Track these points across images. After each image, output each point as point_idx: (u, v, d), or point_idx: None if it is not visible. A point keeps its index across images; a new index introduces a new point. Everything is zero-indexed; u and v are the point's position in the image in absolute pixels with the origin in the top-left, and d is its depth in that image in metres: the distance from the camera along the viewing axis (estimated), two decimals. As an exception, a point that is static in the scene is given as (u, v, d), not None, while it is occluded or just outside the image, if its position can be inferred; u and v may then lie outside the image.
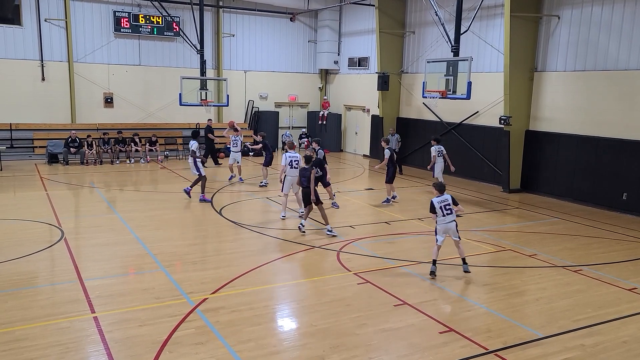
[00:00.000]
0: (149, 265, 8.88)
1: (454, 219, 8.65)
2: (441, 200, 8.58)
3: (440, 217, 8.55)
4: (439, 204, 8.55)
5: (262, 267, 8.97)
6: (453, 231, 8.67)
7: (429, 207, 8.70)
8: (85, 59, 20.73)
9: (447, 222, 8.59)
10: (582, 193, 14.76)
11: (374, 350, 6.24)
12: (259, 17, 23.98)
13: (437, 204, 8.55)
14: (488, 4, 16.68)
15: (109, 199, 13.99)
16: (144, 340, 6.25)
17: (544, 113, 15.78)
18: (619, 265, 9.57)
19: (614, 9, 13.77)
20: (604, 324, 7.09)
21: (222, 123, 23.45)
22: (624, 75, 13.61)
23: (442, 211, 8.53)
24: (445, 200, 8.58)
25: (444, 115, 19.13)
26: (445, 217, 8.55)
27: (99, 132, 20.23)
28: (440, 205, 8.54)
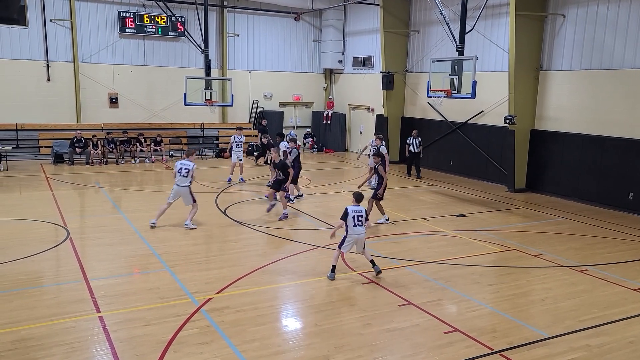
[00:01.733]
0: (154, 265, 8.90)
1: (365, 231, 8.37)
2: (355, 210, 8.29)
3: (352, 227, 8.24)
4: (352, 213, 8.24)
5: (266, 267, 8.97)
6: (361, 243, 8.39)
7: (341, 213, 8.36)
8: (90, 59, 20.81)
9: (358, 234, 8.29)
10: (588, 193, 14.69)
11: (378, 350, 6.23)
12: (264, 16, 24.00)
13: (351, 213, 8.24)
14: (493, 3, 16.63)
15: (114, 199, 14.04)
16: (149, 339, 6.27)
17: (549, 112, 15.70)
18: (625, 265, 9.51)
19: (620, 7, 13.69)
20: (610, 324, 7.05)
21: (227, 123, 23.53)
22: (630, 74, 13.53)
23: (354, 221, 8.23)
24: (359, 212, 8.29)
25: (449, 115, 19.08)
26: (356, 227, 8.25)
27: (104, 132, 20.28)
28: (354, 215, 8.24)
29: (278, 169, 12.27)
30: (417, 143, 17.87)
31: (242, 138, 17.06)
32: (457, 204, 14.36)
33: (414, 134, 18.05)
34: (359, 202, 8.47)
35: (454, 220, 12.56)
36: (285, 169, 12.21)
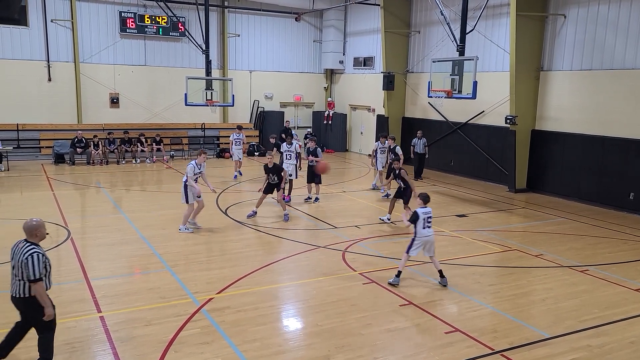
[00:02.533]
0: (155, 265, 8.91)
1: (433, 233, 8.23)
2: (425, 212, 8.12)
3: (421, 229, 8.08)
4: (422, 216, 8.07)
5: (267, 267, 8.98)
6: (430, 246, 8.19)
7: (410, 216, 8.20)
8: (91, 60, 20.82)
9: (427, 236, 8.12)
10: (589, 193, 14.68)
11: (379, 350, 6.23)
12: (264, 17, 24.01)
13: (421, 215, 8.07)
14: (494, 3, 16.62)
15: (115, 199, 14.05)
16: (150, 339, 6.27)
17: (550, 112, 15.70)
18: (625, 266, 9.51)
19: (621, 7, 13.69)
20: (610, 325, 7.05)
21: (228, 123, 23.54)
22: (630, 74, 13.52)
23: (424, 223, 8.07)
24: (428, 213, 8.13)
25: (450, 115, 19.08)
26: (425, 230, 8.09)
27: (104, 132, 20.30)
28: (424, 217, 8.08)
29: (272, 173, 11.98)
30: (422, 144, 17.57)
31: (241, 136, 17.17)
32: (458, 204, 14.36)
33: (418, 134, 17.68)
34: (426, 204, 8.16)
35: (454, 220, 12.56)
36: (280, 172, 12.05)
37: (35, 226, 5.27)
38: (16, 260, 5.17)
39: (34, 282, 5.09)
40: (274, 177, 12.04)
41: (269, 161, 12.03)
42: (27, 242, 5.24)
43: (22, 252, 5.13)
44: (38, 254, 5.13)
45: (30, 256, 5.07)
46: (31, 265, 5.05)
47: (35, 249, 5.16)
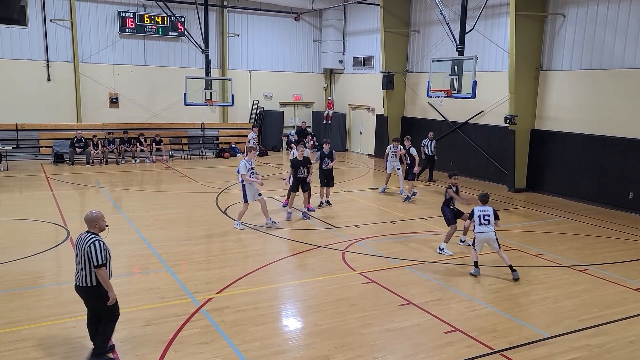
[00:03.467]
0: (154, 265, 8.90)
1: (492, 230, 8.77)
2: (482, 210, 8.77)
3: (477, 225, 8.75)
4: (478, 213, 8.75)
5: (267, 267, 8.97)
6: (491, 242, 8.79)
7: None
8: (90, 59, 20.81)
9: (481, 232, 8.72)
10: (588, 192, 14.68)
11: (379, 350, 6.23)
12: (264, 16, 24.00)
13: (477, 212, 8.77)
14: (493, 2, 16.62)
15: (114, 198, 14.04)
16: (150, 339, 6.27)
17: (549, 112, 15.70)
18: (625, 265, 9.51)
19: (620, 7, 13.69)
20: (610, 324, 7.05)
21: (227, 123, 23.53)
22: (630, 73, 13.53)
23: (480, 220, 8.70)
24: (485, 211, 8.75)
25: (449, 115, 19.08)
26: (480, 226, 8.71)
27: (104, 132, 20.30)
28: (479, 215, 8.73)
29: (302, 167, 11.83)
30: (432, 146, 17.19)
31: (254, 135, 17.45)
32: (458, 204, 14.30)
33: (430, 135, 17.29)
34: (484, 203, 8.85)
35: (454, 220, 12.53)
36: (309, 164, 12.07)
37: (95, 217, 5.63)
38: (79, 249, 5.53)
39: (98, 268, 5.45)
40: (303, 170, 11.96)
41: (299, 154, 11.92)
42: (88, 232, 5.62)
43: (84, 242, 5.51)
44: (99, 242, 5.53)
45: (92, 244, 5.45)
46: (94, 252, 5.43)
47: (97, 237, 5.56)
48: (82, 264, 5.50)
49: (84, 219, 5.70)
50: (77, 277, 5.59)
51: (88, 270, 5.48)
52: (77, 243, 5.62)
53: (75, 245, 5.64)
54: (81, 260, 5.50)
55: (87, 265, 5.47)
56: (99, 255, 5.43)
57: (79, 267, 5.55)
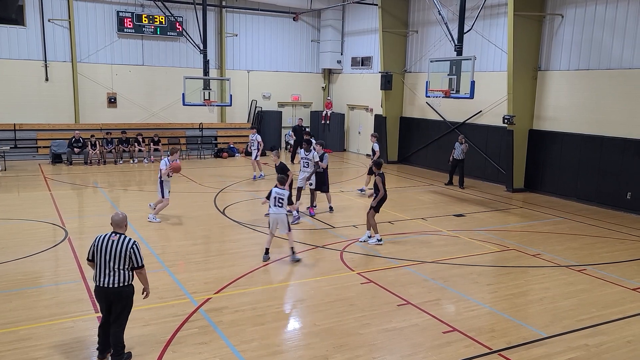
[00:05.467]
0: (153, 265, 8.89)
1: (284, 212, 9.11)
2: (278, 191, 9.13)
3: (272, 206, 9.11)
4: (274, 194, 9.12)
5: (265, 267, 8.97)
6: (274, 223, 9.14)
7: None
8: (88, 59, 20.78)
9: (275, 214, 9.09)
10: (586, 192, 14.71)
11: (377, 350, 6.23)
12: (262, 16, 23.99)
13: (274, 193, 9.14)
14: (491, 3, 16.64)
15: (112, 198, 14.03)
16: (148, 340, 6.27)
17: (547, 112, 15.73)
18: (623, 265, 9.54)
19: (618, 7, 13.72)
20: (608, 324, 7.07)
21: (226, 123, 23.52)
22: (628, 74, 13.56)
23: (275, 202, 9.08)
24: (281, 194, 9.09)
25: (447, 115, 19.10)
26: (275, 207, 9.09)
27: (102, 132, 20.28)
28: (275, 196, 9.09)
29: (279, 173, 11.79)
30: (461, 149, 16.36)
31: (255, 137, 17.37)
32: (456, 203, 14.38)
33: (460, 139, 16.57)
34: (282, 185, 9.26)
35: (452, 220, 12.58)
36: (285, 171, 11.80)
37: (124, 219, 5.71)
38: (115, 251, 5.51)
39: (142, 268, 5.67)
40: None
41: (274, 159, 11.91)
42: (118, 234, 5.61)
43: (123, 244, 5.53)
44: (137, 243, 5.67)
45: (134, 245, 5.58)
46: (138, 253, 5.59)
47: (133, 239, 5.66)
48: (121, 265, 5.50)
49: (113, 222, 5.65)
50: (110, 279, 5.50)
51: (127, 271, 5.57)
52: (108, 245, 5.51)
53: (106, 247, 5.51)
54: (120, 261, 5.49)
55: (126, 265, 5.54)
56: (141, 256, 5.63)
57: (115, 268, 5.49)
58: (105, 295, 5.57)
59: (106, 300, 5.59)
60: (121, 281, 5.54)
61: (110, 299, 5.58)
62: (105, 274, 5.52)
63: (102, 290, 5.55)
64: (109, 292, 5.55)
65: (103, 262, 5.51)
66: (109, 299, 5.58)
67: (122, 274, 5.53)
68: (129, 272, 5.60)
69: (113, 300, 5.58)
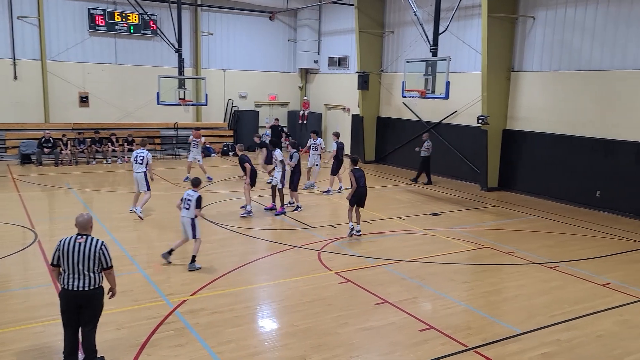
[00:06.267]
0: (127, 267, 8.73)
1: (191, 216, 8.74)
2: (189, 194, 8.82)
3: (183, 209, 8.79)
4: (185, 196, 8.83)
5: (242, 268, 8.90)
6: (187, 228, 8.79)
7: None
8: (59, 57, 20.31)
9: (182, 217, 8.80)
10: (558, 191, 15.02)
11: (355, 349, 6.24)
12: (238, 15, 23.82)
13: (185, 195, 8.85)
14: (466, 4, 16.84)
15: (85, 200, 13.73)
16: (122, 343, 6.15)
17: (520, 112, 16.00)
18: (593, 261, 9.76)
19: (587, 10, 14.04)
20: (579, 319, 7.22)
21: (202, 122, 23.27)
22: (597, 75, 13.89)
23: (184, 204, 8.76)
24: (191, 196, 8.77)
25: (424, 115, 19.27)
26: (184, 210, 8.76)
27: (74, 132, 19.84)
28: (185, 197, 8.80)
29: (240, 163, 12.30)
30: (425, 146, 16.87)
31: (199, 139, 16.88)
32: (432, 202, 14.52)
33: (424, 137, 17.13)
34: (195, 188, 8.91)
35: (428, 218, 12.69)
36: (241, 163, 12.22)
37: (90, 219, 5.55)
38: (84, 254, 5.35)
39: (111, 268, 5.54)
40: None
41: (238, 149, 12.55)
42: (83, 235, 5.44)
43: (91, 245, 5.39)
44: (106, 244, 5.52)
45: (103, 246, 5.46)
46: (107, 254, 5.47)
47: (101, 240, 5.51)
48: (90, 268, 5.35)
49: (77, 223, 5.44)
50: (79, 282, 5.33)
51: (97, 273, 5.42)
52: (75, 248, 5.32)
53: (73, 250, 5.31)
54: (89, 264, 5.33)
55: (96, 268, 5.40)
56: (110, 256, 5.50)
57: (84, 272, 5.32)
58: (74, 299, 5.39)
59: (75, 304, 5.41)
60: (91, 284, 5.39)
61: (80, 303, 5.40)
62: (74, 278, 5.36)
63: (72, 294, 5.38)
64: (79, 296, 5.38)
65: (71, 266, 5.33)
66: (78, 302, 5.40)
67: (92, 277, 5.38)
68: (99, 274, 5.45)
69: (83, 304, 5.41)
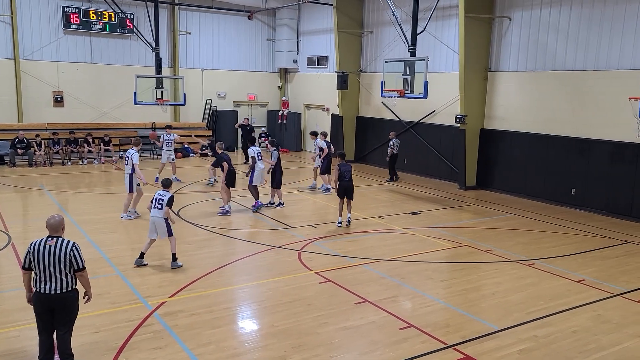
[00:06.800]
0: (104, 270, 8.60)
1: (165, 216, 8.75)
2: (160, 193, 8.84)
3: (152, 208, 8.78)
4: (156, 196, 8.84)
5: (222, 269, 8.84)
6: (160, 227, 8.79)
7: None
8: (32, 56, 19.88)
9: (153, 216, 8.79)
10: (534, 189, 15.29)
11: (335, 348, 6.25)
12: (216, 14, 23.65)
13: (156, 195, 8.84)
14: (443, 4, 17.02)
15: (60, 201, 13.47)
16: (99, 347, 6.06)
17: (497, 112, 16.24)
18: (568, 258, 9.96)
19: (561, 11, 14.32)
20: (555, 315, 7.36)
21: (180, 122, 23.03)
22: (571, 75, 14.17)
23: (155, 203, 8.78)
24: (162, 195, 8.79)
25: (403, 114, 19.41)
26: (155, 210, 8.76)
27: (48, 132, 19.45)
28: (156, 197, 8.82)
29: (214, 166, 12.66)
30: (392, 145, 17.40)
31: (172, 137, 16.55)
32: (411, 201, 14.63)
33: (391, 135, 17.68)
34: (165, 188, 8.93)
35: (408, 217, 12.79)
36: (220, 163, 12.34)
37: (61, 221, 5.43)
38: (55, 256, 5.21)
39: (83, 270, 5.36)
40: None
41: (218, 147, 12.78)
42: (54, 237, 5.30)
43: (62, 247, 5.25)
44: (78, 245, 5.39)
45: (74, 247, 5.32)
46: (79, 255, 5.32)
47: (73, 241, 5.37)
48: (62, 270, 5.22)
49: (48, 225, 5.31)
50: (52, 285, 5.21)
51: (70, 276, 5.29)
52: (46, 250, 5.19)
53: (44, 252, 5.19)
54: (60, 266, 5.20)
55: (68, 270, 5.26)
56: (82, 258, 5.36)
57: (56, 274, 5.20)
58: (48, 302, 5.27)
59: (49, 307, 5.29)
60: (64, 287, 5.27)
61: (53, 306, 5.28)
62: (46, 281, 5.23)
63: (45, 297, 5.26)
64: (52, 299, 5.26)
65: (42, 269, 5.21)
66: (51, 306, 5.28)
67: (64, 280, 5.25)
68: (72, 276, 5.31)
69: (56, 307, 5.29)
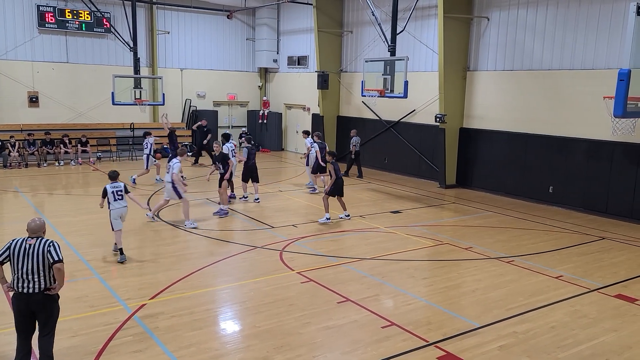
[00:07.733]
0: (82, 272, 8.45)
1: (126, 205, 9.20)
2: (114, 186, 9.12)
3: (112, 202, 9.06)
4: (111, 189, 9.07)
5: (202, 270, 8.76)
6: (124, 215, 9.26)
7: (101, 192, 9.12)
8: (6, 56, 19.44)
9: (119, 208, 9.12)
10: (513, 187, 15.50)
11: (317, 348, 6.24)
12: (195, 14, 23.45)
13: (110, 188, 9.07)
14: (422, 4, 17.14)
15: (36, 203, 13.20)
16: (77, 351, 5.95)
17: (476, 111, 16.42)
18: (547, 255, 10.12)
19: (538, 12, 14.55)
20: (534, 311, 7.46)
21: (159, 123, 22.74)
22: (547, 74, 14.41)
23: (114, 196, 9.07)
24: (118, 187, 9.13)
25: (383, 114, 19.50)
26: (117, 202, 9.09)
27: (23, 133, 19.04)
28: (112, 191, 9.08)
29: (218, 161, 12.58)
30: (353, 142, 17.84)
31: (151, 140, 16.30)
32: (392, 200, 14.70)
33: (352, 133, 18.09)
34: (114, 180, 9.17)
35: (389, 216, 12.85)
36: (226, 160, 12.53)
37: (40, 226, 5.41)
38: (33, 255, 5.17)
39: (60, 262, 5.22)
40: (219, 165, 12.47)
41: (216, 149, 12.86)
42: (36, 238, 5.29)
43: (40, 246, 5.21)
44: (56, 241, 5.35)
45: (52, 243, 5.27)
46: (55, 250, 5.23)
47: (50, 239, 5.35)
48: (41, 269, 5.14)
49: (29, 229, 5.28)
50: (30, 284, 5.12)
51: (49, 276, 5.21)
52: (25, 249, 5.14)
53: (24, 251, 5.14)
54: (39, 265, 5.13)
55: (48, 270, 5.19)
56: (59, 251, 5.25)
57: (35, 274, 5.12)
58: (26, 303, 5.16)
59: (27, 308, 5.18)
60: (42, 287, 5.17)
61: (32, 307, 5.18)
62: (24, 280, 5.14)
63: (23, 297, 5.15)
64: (31, 300, 5.15)
65: (20, 267, 5.12)
66: (30, 307, 5.17)
67: (43, 280, 5.15)
68: (51, 276, 5.21)
69: (36, 308, 5.18)
